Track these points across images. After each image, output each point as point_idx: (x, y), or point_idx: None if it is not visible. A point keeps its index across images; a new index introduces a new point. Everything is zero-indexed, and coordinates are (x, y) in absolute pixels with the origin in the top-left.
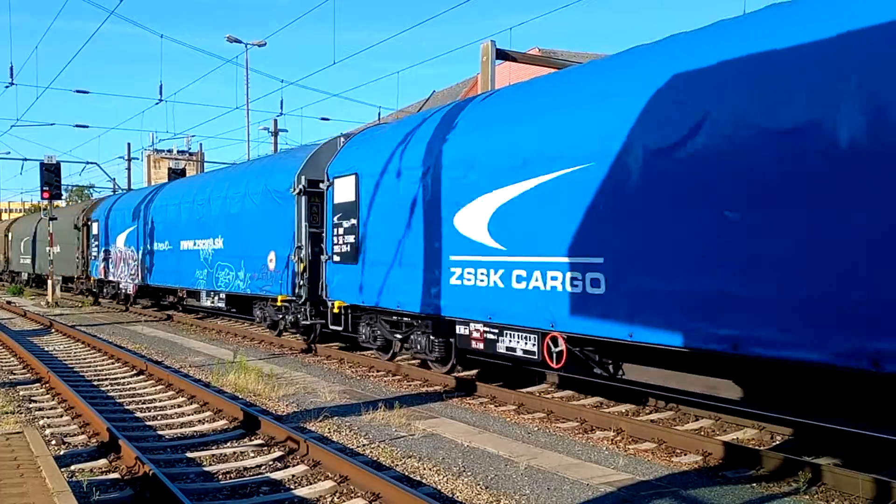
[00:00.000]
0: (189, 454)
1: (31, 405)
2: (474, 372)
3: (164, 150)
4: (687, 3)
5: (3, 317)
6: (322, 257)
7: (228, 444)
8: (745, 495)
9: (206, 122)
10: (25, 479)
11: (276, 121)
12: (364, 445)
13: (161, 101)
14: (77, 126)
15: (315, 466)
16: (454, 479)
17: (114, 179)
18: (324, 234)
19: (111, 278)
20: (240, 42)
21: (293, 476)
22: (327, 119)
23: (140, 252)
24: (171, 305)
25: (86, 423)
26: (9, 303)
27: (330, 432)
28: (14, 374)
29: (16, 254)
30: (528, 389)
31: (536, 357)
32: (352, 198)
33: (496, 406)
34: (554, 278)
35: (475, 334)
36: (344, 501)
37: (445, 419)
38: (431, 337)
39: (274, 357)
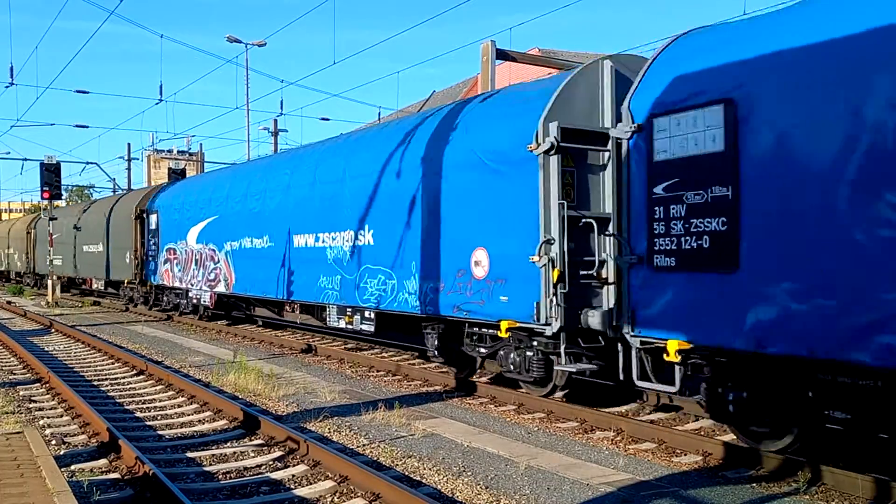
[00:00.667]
0: (189, 454)
1: (31, 405)
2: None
3: (164, 150)
4: (687, 2)
5: (3, 317)
6: (612, 260)
7: (228, 444)
8: (745, 495)
9: (206, 122)
10: (25, 479)
11: (276, 121)
12: (364, 445)
13: (161, 101)
14: (77, 126)
15: (315, 466)
16: (454, 479)
17: (114, 179)
18: (619, 218)
19: (178, 284)
20: (240, 42)
21: (293, 476)
22: (327, 119)
23: (222, 251)
24: (265, 322)
25: (86, 423)
26: (9, 303)
27: (330, 432)
28: (14, 374)
29: (43, 255)
30: (524, 390)
31: None
32: (715, 146)
33: (496, 406)
34: None
35: None
36: (344, 501)
37: (445, 419)
38: None
39: (274, 357)
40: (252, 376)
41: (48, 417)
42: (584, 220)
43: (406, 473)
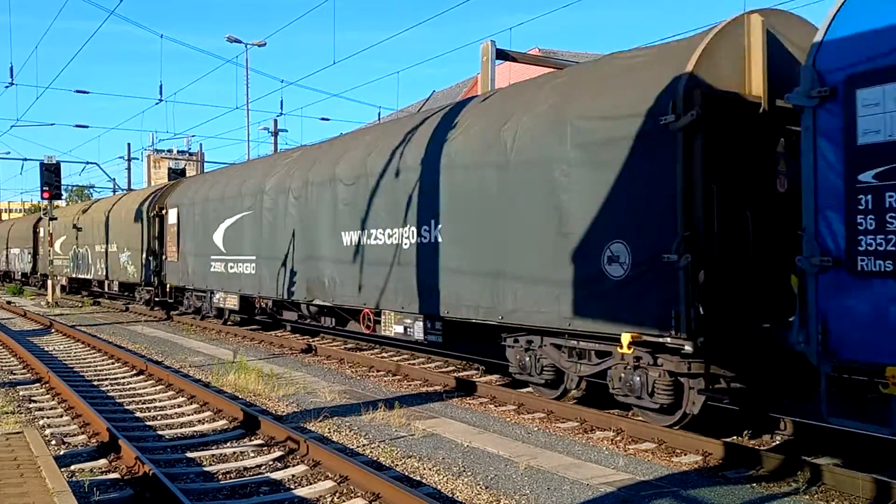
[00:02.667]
0: (189, 454)
1: (31, 405)
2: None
3: (164, 150)
4: (687, 2)
5: (3, 317)
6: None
7: (228, 444)
8: (745, 495)
9: (206, 122)
10: (25, 479)
11: (276, 121)
12: (364, 445)
13: (161, 101)
14: (77, 126)
15: (315, 466)
16: (454, 479)
17: (114, 179)
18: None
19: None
20: (240, 42)
21: (293, 476)
22: (327, 119)
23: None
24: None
25: (86, 423)
26: (9, 303)
27: (330, 432)
28: (14, 374)
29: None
30: (528, 389)
31: None
32: None
33: (496, 406)
34: None
35: None
36: (344, 501)
37: (445, 419)
38: None
39: (274, 357)
40: (252, 376)
41: (48, 417)
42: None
43: (406, 473)
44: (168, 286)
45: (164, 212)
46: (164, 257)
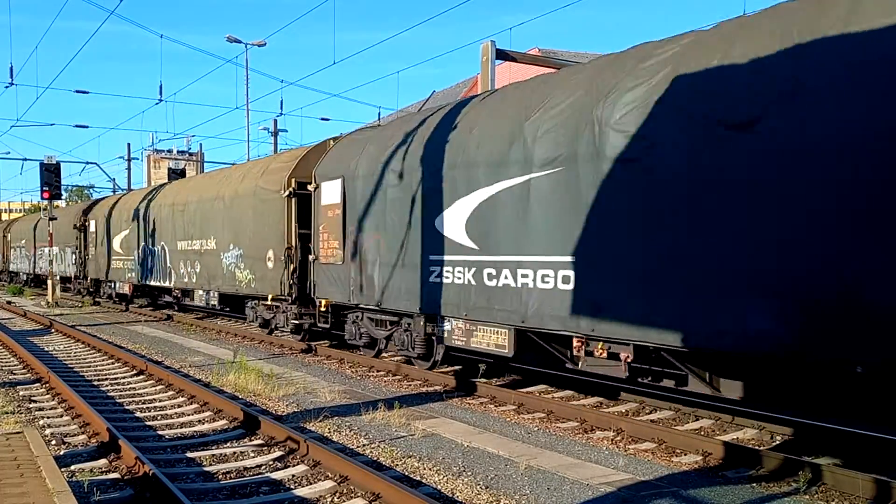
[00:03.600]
0: (189, 454)
1: (31, 405)
2: None
3: (163, 151)
4: (687, 2)
5: (3, 317)
6: None
7: (228, 444)
8: (745, 495)
9: (206, 122)
10: (25, 479)
11: (275, 121)
12: (364, 445)
13: (161, 101)
14: (77, 126)
15: (315, 466)
16: (454, 479)
17: (114, 179)
18: None
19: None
20: (240, 42)
21: (293, 476)
22: (327, 119)
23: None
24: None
25: (86, 423)
26: (9, 303)
27: (330, 432)
28: (14, 374)
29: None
30: (528, 389)
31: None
32: None
33: (496, 406)
34: None
35: None
36: (344, 501)
37: (445, 419)
38: None
39: (274, 357)
40: (252, 376)
41: (48, 417)
42: None
43: (406, 473)
44: (322, 303)
45: (312, 188)
46: (312, 258)
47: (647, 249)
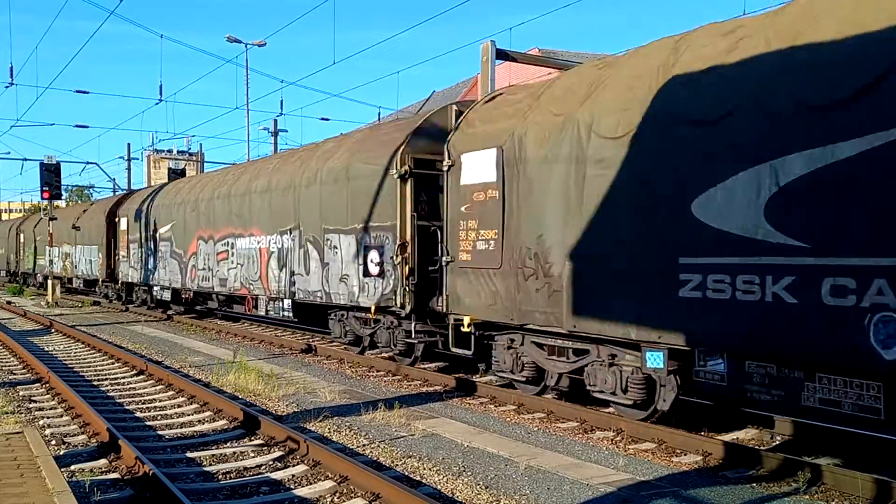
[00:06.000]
0: (189, 454)
1: (31, 405)
2: None
3: (164, 151)
4: (687, 2)
5: (3, 317)
6: None
7: (228, 444)
8: (745, 495)
9: (206, 122)
10: (25, 479)
11: (276, 121)
12: (364, 445)
13: (161, 101)
14: (77, 126)
15: (315, 466)
16: (454, 479)
17: (114, 179)
18: None
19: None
20: (240, 42)
21: (293, 476)
22: (327, 119)
23: None
24: None
25: (86, 423)
26: (9, 303)
27: (330, 432)
28: (14, 374)
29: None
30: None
31: None
32: None
33: (496, 406)
34: None
35: None
36: (344, 501)
37: (445, 419)
38: None
39: (274, 357)
40: (252, 376)
41: (48, 417)
42: None
43: (406, 473)
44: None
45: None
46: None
47: None
